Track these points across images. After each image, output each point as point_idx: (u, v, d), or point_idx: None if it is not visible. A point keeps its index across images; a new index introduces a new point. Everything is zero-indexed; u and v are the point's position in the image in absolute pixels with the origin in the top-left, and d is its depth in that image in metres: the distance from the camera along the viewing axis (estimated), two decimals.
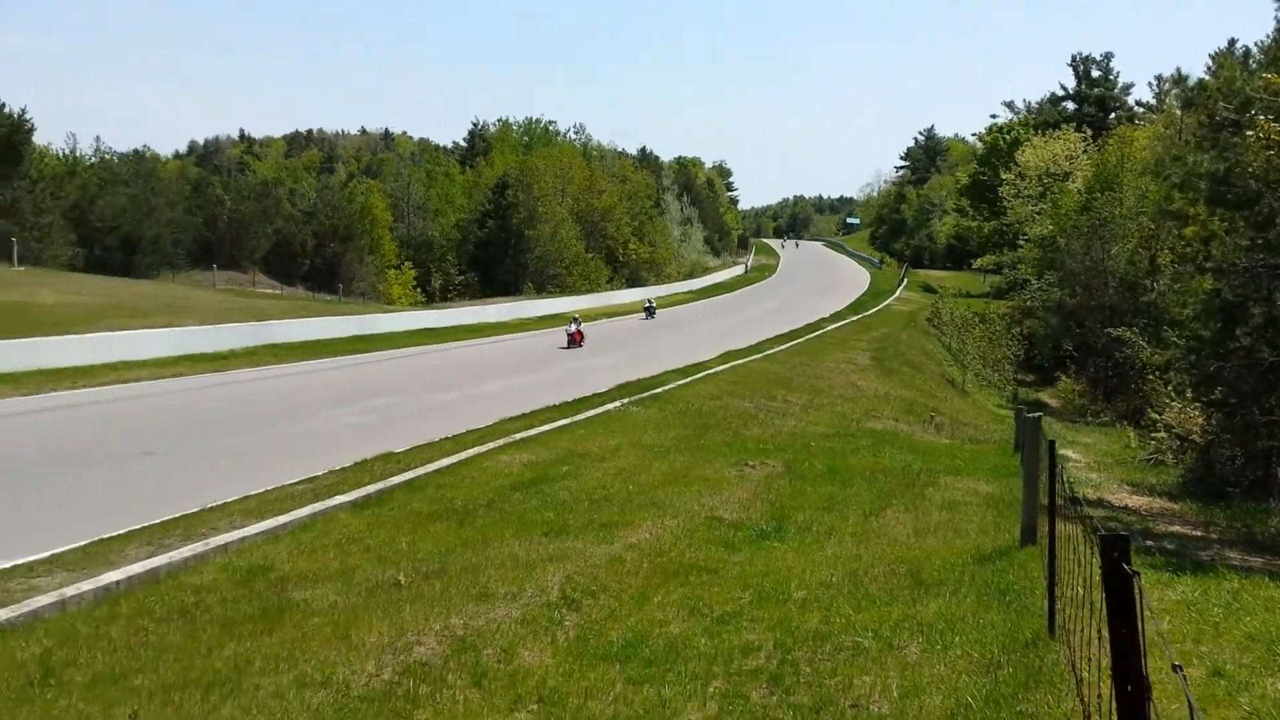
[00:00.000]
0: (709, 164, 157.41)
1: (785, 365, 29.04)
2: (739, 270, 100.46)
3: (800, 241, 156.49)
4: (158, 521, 9.43)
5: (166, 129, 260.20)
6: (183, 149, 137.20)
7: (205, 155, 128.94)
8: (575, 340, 33.49)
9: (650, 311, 50.33)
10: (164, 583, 7.73)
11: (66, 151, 61.68)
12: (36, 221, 45.81)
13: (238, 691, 5.44)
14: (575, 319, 35.68)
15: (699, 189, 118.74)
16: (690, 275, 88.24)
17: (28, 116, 48.78)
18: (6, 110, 48.07)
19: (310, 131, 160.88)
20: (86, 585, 7.47)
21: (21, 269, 39.89)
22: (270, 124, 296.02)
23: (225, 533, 9.06)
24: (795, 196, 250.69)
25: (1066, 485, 6.56)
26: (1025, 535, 8.53)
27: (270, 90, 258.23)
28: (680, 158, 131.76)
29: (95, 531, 8.97)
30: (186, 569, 8.09)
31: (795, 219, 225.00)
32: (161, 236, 53.10)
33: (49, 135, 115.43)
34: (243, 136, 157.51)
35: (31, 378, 21.80)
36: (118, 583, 7.61)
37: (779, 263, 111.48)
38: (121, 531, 9.03)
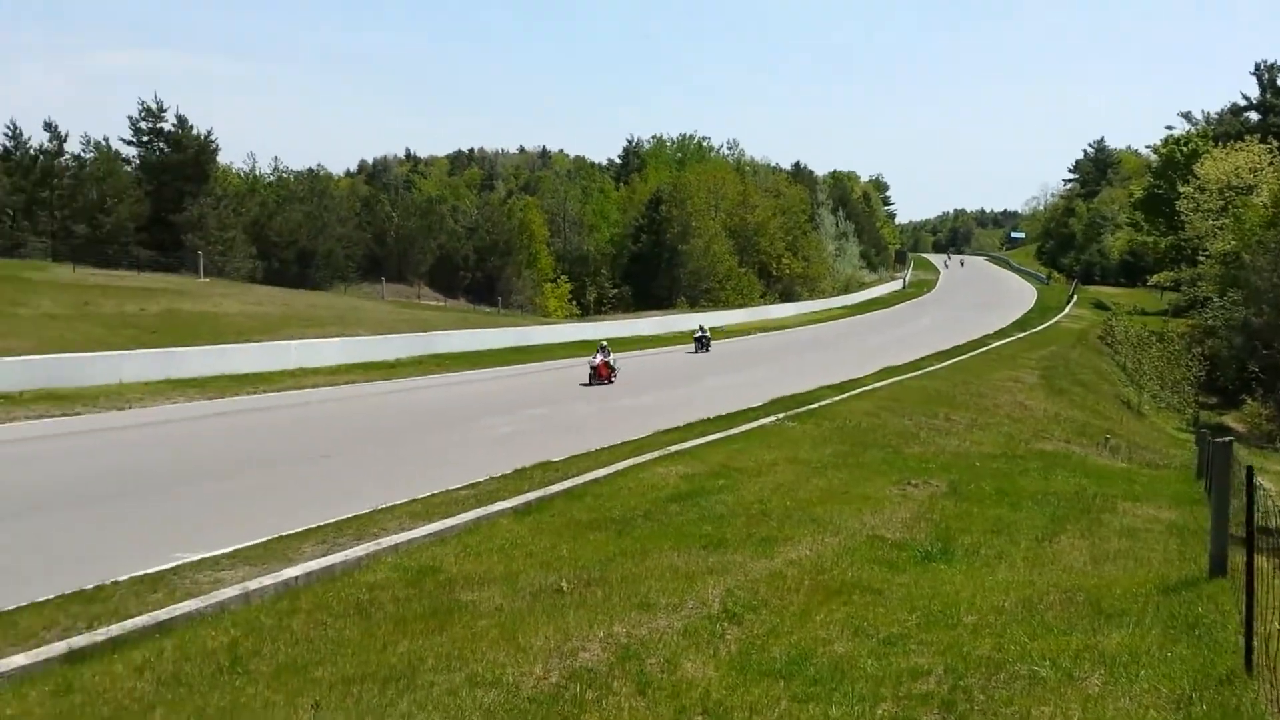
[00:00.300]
0: (865, 178, 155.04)
1: (947, 383, 28.22)
2: (896, 285, 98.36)
3: (964, 258, 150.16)
4: (332, 521, 9.87)
5: (338, 149, 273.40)
6: (353, 168, 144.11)
7: (374, 174, 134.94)
8: (601, 375, 26.36)
9: (702, 342, 38.17)
10: (339, 580, 8.05)
11: (247, 170, 65.57)
12: (220, 236, 48.98)
13: (413, 687, 5.62)
14: (603, 346, 28.17)
15: (854, 203, 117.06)
16: (845, 290, 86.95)
17: (213, 138, 52.24)
18: (195, 132, 51.54)
19: (472, 151, 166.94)
20: (268, 580, 7.85)
21: (207, 280, 42.59)
22: (434, 144, 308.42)
23: (395, 534, 9.39)
24: (955, 210, 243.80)
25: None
26: (1215, 566, 8.00)
27: (434, 111, 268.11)
28: (835, 171, 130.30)
29: (275, 529, 9.45)
30: (360, 567, 8.41)
31: (955, 233, 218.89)
32: (334, 251, 55.94)
33: (231, 155, 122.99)
34: (408, 156, 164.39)
35: (217, 383, 23.24)
36: (296, 578, 7.98)
37: (938, 278, 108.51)
38: (299, 529, 9.47)
